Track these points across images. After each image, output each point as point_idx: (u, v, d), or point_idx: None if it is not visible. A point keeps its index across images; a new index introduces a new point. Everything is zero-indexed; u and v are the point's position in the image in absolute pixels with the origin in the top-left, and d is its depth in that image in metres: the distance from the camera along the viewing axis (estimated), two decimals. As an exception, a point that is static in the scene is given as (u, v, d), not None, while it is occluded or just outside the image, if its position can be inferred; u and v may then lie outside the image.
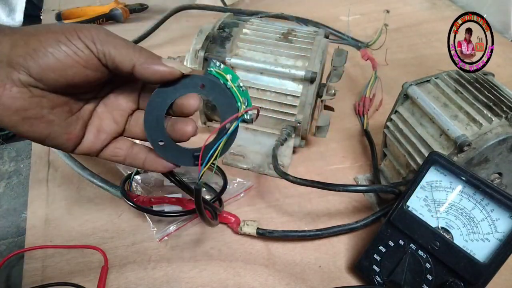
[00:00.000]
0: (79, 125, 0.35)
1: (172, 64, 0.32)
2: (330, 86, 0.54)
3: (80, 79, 0.31)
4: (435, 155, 0.39)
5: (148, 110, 0.34)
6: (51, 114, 0.32)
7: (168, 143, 0.35)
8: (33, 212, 0.50)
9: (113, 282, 0.43)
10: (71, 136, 0.34)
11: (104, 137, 0.36)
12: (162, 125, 0.34)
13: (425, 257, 0.39)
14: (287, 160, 0.56)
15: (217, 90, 0.34)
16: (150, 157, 0.36)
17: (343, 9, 0.90)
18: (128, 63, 0.31)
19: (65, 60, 0.30)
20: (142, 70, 0.31)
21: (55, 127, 0.33)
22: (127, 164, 0.37)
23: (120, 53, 0.31)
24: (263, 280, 0.44)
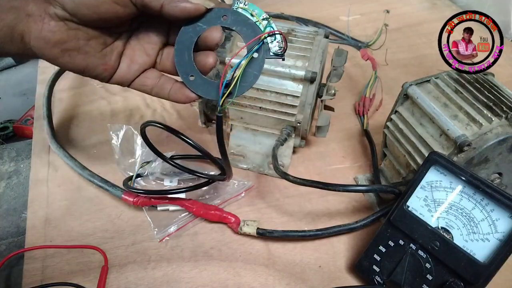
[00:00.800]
0: (114, 56, 0.37)
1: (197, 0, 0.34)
2: (330, 86, 0.53)
3: (111, 14, 0.33)
4: (435, 155, 0.39)
5: (177, 48, 0.36)
6: (87, 46, 0.35)
7: (197, 77, 0.36)
8: (33, 212, 0.50)
9: (113, 282, 0.43)
10: (106, 66, 0.36)
11: (136, 67, 0.38)
12: (191, 61, 0.36)
13: (425, 257, 0.39)
14: (287, 160, 0.56)
15: (239, 19, 0.34)
16: (175, 88, 0.37)
17: (343, 9, 0.90)
18: (156, 2, 0.33)
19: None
20: (170, 9, 0.33)
21: (91, 58, 0.35)
22: (154, 94, 0.38)
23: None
24: (263, 280, 0.44)
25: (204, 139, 0.60)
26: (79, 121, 0.63)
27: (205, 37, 0.35)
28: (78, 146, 0.59)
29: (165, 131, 0.39)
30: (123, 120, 0.63)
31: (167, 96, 0.38)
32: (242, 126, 0.56)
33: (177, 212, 0.49)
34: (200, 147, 0.42)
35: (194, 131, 0.61)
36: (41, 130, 0.59)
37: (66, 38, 0.33)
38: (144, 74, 0.38)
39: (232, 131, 0.57)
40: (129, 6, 0.33)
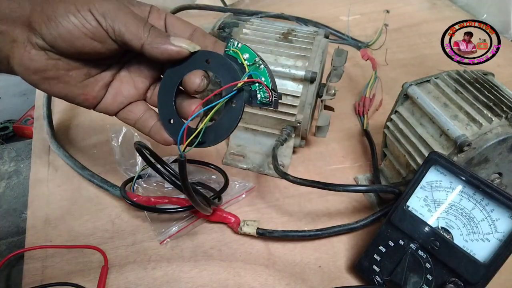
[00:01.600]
0: (98, 86, 0.36)
1: (181, 43, 0.32)
2: (330, 86, 0.53)
3: (89, 50, 0.32)
4: (435, 155, 0.39)
5: (161, 90, 0.35)
6: (67, 76, 0.34)
7: (176, 122, 0.35)
8: (33, 212, 0.50)
9: (113, 282, 0.43)
10: (87, 97, 0.36)
11: (121, 100, 0.37)
12: (172, 105, 0.35)
13: (425, 257, 0.39)
14: (287, 160, 0.56)
15: (222, 64, 0.33)
16: (156, 128, 0.37)
17: (343, 9, 0.90)
18: (137, 42, 0.32)
19: (73, 31, 0.31)
20: (151, 49, 0.32)
21: (72, 88, 0.35)
22: (137, 128, 0.38)
23: (130, 31, 0.31)
24: (263, 280, 0.44)
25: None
26: (79, 121, 0.63)
27: (185, 82, 0.34)
28: (78, 146, 0.59)
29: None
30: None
31: (148, 134, 0.37)
32: (242, 126, 0.56)
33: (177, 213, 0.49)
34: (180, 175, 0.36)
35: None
36: (41, 130, 0.59)
37: (45, 67, 0.33)
38: (129, 107, 0.37)
39: (232, 131, 0.57)
40: (108, 43, 0.32)
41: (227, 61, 0.33)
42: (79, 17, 0.31)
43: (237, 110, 0.33)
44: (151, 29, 0.32)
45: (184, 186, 0.35)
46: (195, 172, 0.53)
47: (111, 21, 0.31)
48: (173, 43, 0.32)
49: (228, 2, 0.94)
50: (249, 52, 0.33)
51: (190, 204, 0.46)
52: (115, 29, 0.31)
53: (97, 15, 0.31)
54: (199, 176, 0.53)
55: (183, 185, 0.35)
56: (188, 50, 0.32)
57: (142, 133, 0.38)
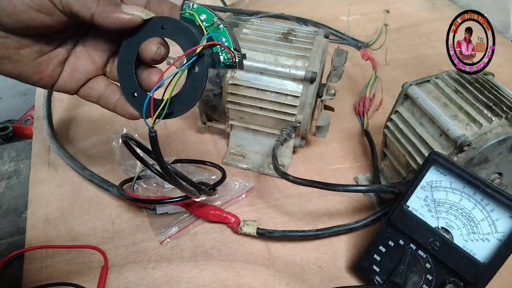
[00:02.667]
0: (53, 64, 0.34)
1: (133, 10, 0.31)
2: (330, 86, 0.54)
3: (37, 24, 0.30)
4: (435, 155, 0.39)
5: (119, 63, 0.33)
6: (18, 55, 0.32)
7: (139, 95, 0.34)
8: (33, 212, 0.50)
9: (113, 282, 0.43)
10: (42, 75, 0.34)
11: (78, 76, 0.35)
12: (132, 77, 0.33)
13: (425, 257, 0.39)
14: (287, 160, 0.56)
15: (179, 28, 0.31)
16: (120, 103, 0.35)
17: (343, 9, 0.90)
18: (86, 12, 0.30)
19: (16, 4, 0.29)
20: (101, 19, 0.30)
21: (24, 67, 0.33)
22: (101, 105, 0.36)
23: (77, 0, 0.30)
24: (263, 280, 0.44)
25: (204, 139, 0.60)
26: (79, 121, 0.63)
27: (141, 51, 0.32)
28: (78, 146, 0.59)
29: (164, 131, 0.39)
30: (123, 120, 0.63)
31: (113, 109, 0.36)
32: (242, 126, 0.56)
33: (177, 213, 0.49)
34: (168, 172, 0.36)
35: (194, 131, 0.61)
36: (41, 130, 0.59)
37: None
38: (89, 84, 0.36)
39: (232, 131, 0.57)
40: (56, 15, 0.30)
41: (183, 25, 0.31)
42: None
43: (200, 75, 0.31)
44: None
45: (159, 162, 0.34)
46: (195, 172, 0.53)
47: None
48: (124, 11, 0.30)
49: (228, 2, 0.94)
50: (206, 13, 0.32)
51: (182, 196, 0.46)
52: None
53: None
54: (199, 176, 0.53)
55: (158, 162, 0.34)
56: (141, 18, 0.31)
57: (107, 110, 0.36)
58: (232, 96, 0.52)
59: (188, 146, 0.59)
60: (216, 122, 0.58)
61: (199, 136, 0.61)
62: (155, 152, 0.33)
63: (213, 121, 0.59)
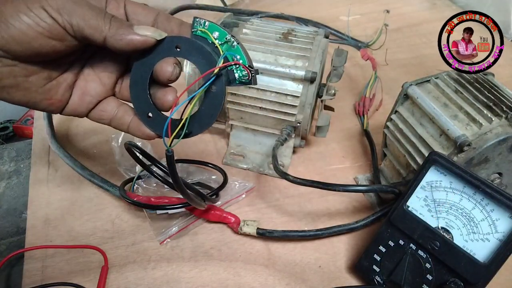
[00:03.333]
0: (62, 89, 0.34)
1: (146, 31, 0.30)
2: (330, 86, 0.54)
3: (48, 49, 0.30)
4: (435, 155, 0.39)
5: (132, 84, 0.33)
6: (26, 83, 0.31)
7: (155, 115, 0.33)
8: (33, 212, 0.50)
9: (113, 282, 0.43)
10: (52, 101, 0.33)
11: (89, 99, 0.35)
12: (147, 98, 0.33)
13: (425, 257, 0.39)
14: (287, 160, 0.56)
15: (194, 48, 0.31)
16: (134, 123, 0.35)
17: (343, 9, 0.90)
18: (99, 35, 0.30)
19: (27, 32, 0.28)
20: (114, 42, 0.30)
21: (33, 94, 0.32)
22: (113, 127, 0.36)
23: (89, 24, 0.29)
24: (263, 280, 0.44)
25: (204, 139, 0.60)
26: (79, 121, 0.63)
27: (156, 72, 0.32)
28: (78, 146, 0.59)
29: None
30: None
31: (127, 130, 0.35)
32: (242, 126, 0.56)
33: (177, 213, 0.49)
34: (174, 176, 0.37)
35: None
36: (41, 130, 0.59)
37: (0, 75, 0.30)
38: (100, 106, 0.35)
39: (232, 131, 0.57)
40: (68, 40, 0.30)
41: (198, 45, 0.31)
42: (31, 16, 0.28)
43: (218, 95, 0.32)
44: (112, 20, 0.30)
45: (174, 180, 0.34)
46: (195, 172, 0.53)
47: (68, 16, 0.29)
48: (137, 32, 0.30)
49: (228, 2, 0.94)
50: (218, 30, 0.31)
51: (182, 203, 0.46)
52: (73, 24, 0.29)
53: (51, 12, 0.28)
54: (199, 176, 0.53)
55: (173, 179, 0.34)
56: (154, 38, 0.31)
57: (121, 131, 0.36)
58: (232, 96, 0.52)
59: (188, 146, 0.59)
60: (216, 122, 0.58)
61: (199, 136, 0.60)
62: (171, 171, 0.33)
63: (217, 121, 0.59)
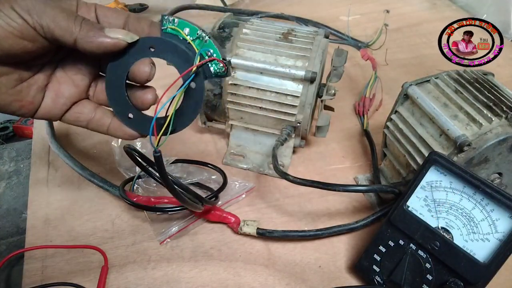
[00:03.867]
0: (33, 91, 0.33)
1: (117, 34, 0.30)
2: (330, 86, 0.54)
3: (18, 50, 0.29)
4: (435, 155, 0.39)
5: (108, 86, 0.33)
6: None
7: (136, 115, 0.33)
8: (33, 212, 0.50)
9: (113, 282, 0.43)
10: (23, 103, 0.33)
11: (62, 101, 0.34)
12: (125, 99, 0.33)
13: (425, 257, 0.39)
14: (287, 160, 0.56)
15: (168, 47, 0.31)
16: (115, 124, 0.35)
17: (343, 9, 0.90)
18: (69, 37, 0.29)
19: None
20: (85, 44, 0.30)
21: (3, 96, 0.31)
22: (91, 129, 0.36)
23: (59, 26, 0.29)
24: (263, 280, 0.44)
25: (204, 139, 0.60)
26: (79, 121, 0.63)
27: (133, 73, 0.32)
28: (78, 146, 0.59)
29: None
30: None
31: (106, 132, 0.35)
32: (242, 126, 0.56)
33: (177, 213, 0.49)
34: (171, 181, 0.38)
35: (194, 131, 0.61)
36: (41, 130, 0.59)
37: None
38: (76, 108, 0.35)
39: (232, 131, 0.57)
40: (39, 41, 0.30)
41: (172, 44, 0.31)
42: (1, 16, 0.28)
43: (198, 91, 0.32)
44: (82, 22, 0.30)
45: (165, 183, 0.34)
46: (195, 172, 0.53)
47: (38, 17, 0.29)
48: (108, 35, 0.30)
49: (228, 2, 0.94)
50: (188, 26, 0.31)
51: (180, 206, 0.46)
52: (43, 25, 0.29)
53: (21, 12, 0.28)
54: (198, 176, 0.53)
55: (164, 181, 0.34)
56: (125, 41, 0.30)
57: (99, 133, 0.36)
58: (232, 96, 0.52)
59: (188, 146, 0.59)
60: (216, 122, 0.58)
61: (199, 136, 0.61)
62: (160, 172, 0.33)
63: (213, 121, 0.59)
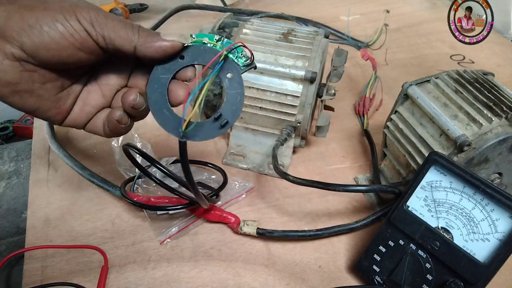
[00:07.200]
0: (70, 99, 0.34)
1: (172, 37, 0.32)
2: (330, 86, 0.54)
3: (74, 60, 0.31)
4: (435, 155, 0.39)
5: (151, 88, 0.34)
6: (42, 89, 0.32)
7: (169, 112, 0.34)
8: (33, 212, 0.50)
9: (113, 282, 0.43)
10: (60, 110, 0.34)
11: (88, 110, 0.36)
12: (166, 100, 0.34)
13: (425, 257, 0.39)
14: (287, 160, 0.56)
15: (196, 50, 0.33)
16: None
17: (343, 9, 0.90)
18: (129, 45, 0.31)
19: (60, 41, 0.29)
20: (145, 50, 0.31)
21: (45, 101, 0.33)
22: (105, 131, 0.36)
23: (120, 36, 0.31)
24: (263, 280, 0.44)
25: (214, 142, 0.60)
26: (79, 121, 0.63)
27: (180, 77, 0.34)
28: (78, 146, 0.59)
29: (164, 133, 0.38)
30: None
31: None
32: (242, 126, 0.56)
33: (177, 213, 0.49)
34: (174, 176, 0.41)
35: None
36: (41, 130, 0.59)
37: (19, 79, 0.30)
38: (97, 116, 0.36)
39: (232, 131, 0.57)
40: (96, 52, 0.31)
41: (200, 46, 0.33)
42: (67, 27, 0.29)
43: (236, 78, 0.33)
44: (139, 30, 0.32)
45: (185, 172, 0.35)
46: (195, 172, 0.53)
47: (100, 28, 0.30)
48: (165, 38, 0.32)
49: (228, 2, 0.94)
50: (206, 36, 0.34)
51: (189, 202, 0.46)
52: (105, 36, 0.30)
53: (85, 24, 0.30)
54: (199, 176, 0.53)
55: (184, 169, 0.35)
56: (181, 42, 0.32)
57: None
58: (232, 96, 0.52)
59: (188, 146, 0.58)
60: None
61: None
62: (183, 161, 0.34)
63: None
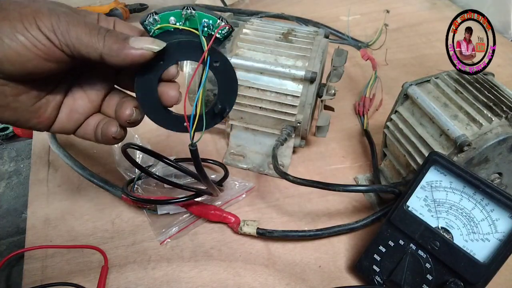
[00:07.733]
0: (50, 107, 0.33)
1: (142, 43, 0.29)
2: (330, 86, 0.53)
3: (43, 70, 0.29)
4: (435, 155, 0.39)
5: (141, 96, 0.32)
6: (16, 102, 0.30)
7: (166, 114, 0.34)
8: (33, 212, 0.50)
9: (113, 282, 0.43)
10: (41, 119, 0.33)
11: (76, 116, 0.34)
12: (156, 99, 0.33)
13: (425, 257, 0.39)
14: (287, 160, 0.56)
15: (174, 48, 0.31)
16: None
17: (343, 9, 0.90)
18: (95, 53, 0.29)
19: (23, 53, 0.27)
20: (111, 59, 0.29)
21: (22, 113, 0.31)
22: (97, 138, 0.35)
23: (83, 43, 0.28)
24: (263, 280, 0.44)
25: (204, 139, 0.60)
26: (79, 121, 0.63)
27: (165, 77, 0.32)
28: (78, 146, 0.59)
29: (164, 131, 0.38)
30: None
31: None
32: (242, 126, 0.56)
33: (177, 213, 0.49)
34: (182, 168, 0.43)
35: (194, 131, 0.61)
36: (41, 130, 0.59)
37: None
38: (87, 122, 0.35)
39: (232, 131, 0.57)
40: (64, 61, 0.29)
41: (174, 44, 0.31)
42: (28, 37, 0.27)
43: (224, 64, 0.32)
44: (106, 36, 0.29)
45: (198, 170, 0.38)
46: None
47: (62, 36, 0.28)
48: (133, 46, 0.29)
49: (228, 2, 0.94)
50: (171, 14, 0.31)
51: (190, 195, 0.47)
52: (68, 44, 0.28)
53: (46, 32, 0.27)
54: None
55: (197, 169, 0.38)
56: (151, 51, 0.29)
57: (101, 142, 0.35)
58: (232, 96, 0.52)
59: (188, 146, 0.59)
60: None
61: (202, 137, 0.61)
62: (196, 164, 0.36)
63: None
